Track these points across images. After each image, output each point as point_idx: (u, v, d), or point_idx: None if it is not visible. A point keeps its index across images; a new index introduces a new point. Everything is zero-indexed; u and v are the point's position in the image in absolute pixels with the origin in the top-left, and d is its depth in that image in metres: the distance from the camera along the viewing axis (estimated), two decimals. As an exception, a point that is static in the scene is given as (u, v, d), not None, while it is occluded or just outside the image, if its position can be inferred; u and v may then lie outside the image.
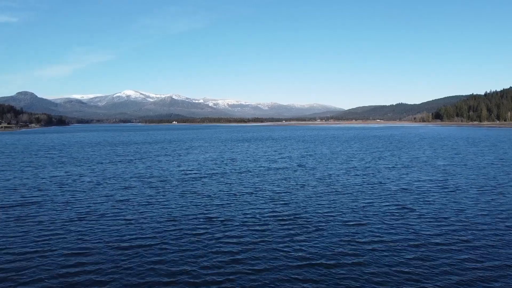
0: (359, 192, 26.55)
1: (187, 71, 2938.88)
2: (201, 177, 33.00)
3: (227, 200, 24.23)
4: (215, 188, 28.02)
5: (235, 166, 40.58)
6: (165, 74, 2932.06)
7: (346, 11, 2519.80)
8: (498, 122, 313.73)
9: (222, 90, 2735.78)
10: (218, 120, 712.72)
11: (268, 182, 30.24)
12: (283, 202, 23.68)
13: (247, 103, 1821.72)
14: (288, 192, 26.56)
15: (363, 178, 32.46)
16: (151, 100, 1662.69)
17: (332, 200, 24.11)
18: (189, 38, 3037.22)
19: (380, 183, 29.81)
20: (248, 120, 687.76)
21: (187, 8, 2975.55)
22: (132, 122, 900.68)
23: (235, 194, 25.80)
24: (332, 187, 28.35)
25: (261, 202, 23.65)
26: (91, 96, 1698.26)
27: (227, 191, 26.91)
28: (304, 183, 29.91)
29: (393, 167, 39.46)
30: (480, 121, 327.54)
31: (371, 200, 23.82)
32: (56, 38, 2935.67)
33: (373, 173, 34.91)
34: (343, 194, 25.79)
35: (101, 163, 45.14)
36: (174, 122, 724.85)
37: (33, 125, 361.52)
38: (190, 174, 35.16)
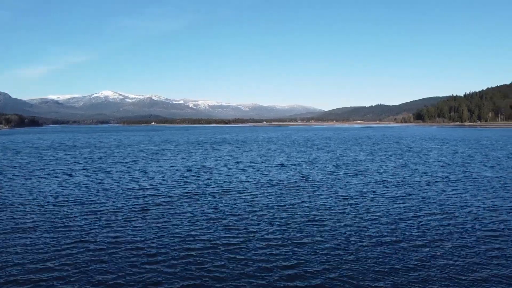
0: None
1: (167, 72, 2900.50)
2: (155, 204, 21.64)
3: (188, 266, 12.85)
4: (171, 229, 16.86)
5: (211, 181, 29.47)
6: (145, 75, 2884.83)
7: (326, 14, 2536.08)
8: (479, 122, 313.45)
9: (203, 91, 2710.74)
10: (199, 121, 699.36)
11: (263, 216, 19.19)
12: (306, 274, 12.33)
13: (227, 104, 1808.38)
14: (310, 246, 15.42)
15: (416, 203, 21.76)
16: (130, 100, 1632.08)
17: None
18: (169, 39, 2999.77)
19: (448, 213, 19.17)
20: (229, 121, 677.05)
21: (167, 9, 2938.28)
22: (110, 123, 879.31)
23: (205, 251, 14.60)
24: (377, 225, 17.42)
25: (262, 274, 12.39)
26: (68, 96, 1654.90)
27: (190, 240, 15.69)
28: (323, 215, 18.93)
29: (437, 181, 29.04)
30: (462, 121, 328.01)
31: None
32: (32, 38, 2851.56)
33: (418, 192, 24.34)
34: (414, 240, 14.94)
35: (23, 176, 33.31)
36: (153, 123, 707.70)
37: (1, 126, 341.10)
38: (141, 197, 23.75)
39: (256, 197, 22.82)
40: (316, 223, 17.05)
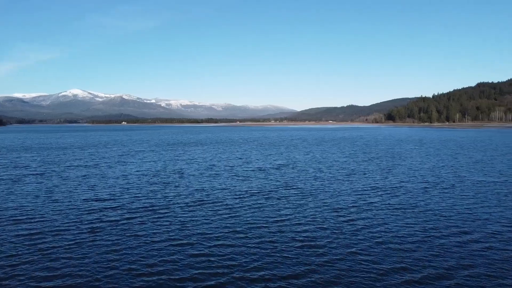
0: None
1: (138, 71, 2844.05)
2: (110, 221, 17.86)
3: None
4: (124, 260, 13.19)
5: (180, 189, 25.79)
6: (116, 73, 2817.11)
7: (299, 14, 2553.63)
8: (447, 123, 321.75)
9: (175, 90, 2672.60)
10: (171, 120, 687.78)
11: (243, 238, 15.78)
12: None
13: (200, 104, 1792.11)
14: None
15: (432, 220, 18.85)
16: (100, 99, 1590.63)
17: None
18: (142, 38, 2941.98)
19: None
20: (202, 121, 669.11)
21: (139, 7, 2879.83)
22: (79, 122, 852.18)
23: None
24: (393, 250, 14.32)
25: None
26: (34, 95, 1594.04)
27: (146, 275, 12.12)
28: (315, 235, 15.66)
29: (432, 187, 26.42)
30: (431, 122, 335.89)
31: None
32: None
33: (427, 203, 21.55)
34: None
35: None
36: (124, 122, 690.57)
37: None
38: (94, 212, 19.84)
39: (234, 210, 19.39)
40: (309, 248, 13.80)
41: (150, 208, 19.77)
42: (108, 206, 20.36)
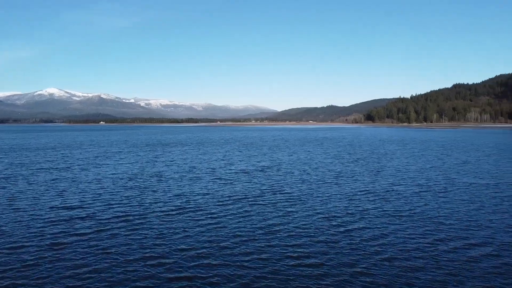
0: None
1: (117, 70, 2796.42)
2: (78, 234, 15.81)
3: None
4: (91, 283, 11.27)
5: (158, 195, 23.81)
6: (94, 72, 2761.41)
7: (279, 14, 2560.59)
8: (425, 123, 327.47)
9: (155, 90, 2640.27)
10: (150, 120, 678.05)
11: (227, 254, 14.02)
12: None
13: (180, 104, 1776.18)
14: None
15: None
16: (77, 99, 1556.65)
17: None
18: (121, 36, 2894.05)
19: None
20: (182, 121, 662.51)
21: (118, 4, 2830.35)
22: (56, 122, 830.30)
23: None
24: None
25: None
26: (8, 94, 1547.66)
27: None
28: (309, 249, 14.01)
29: (425, 190, 25.20)
30: (409, 122, 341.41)
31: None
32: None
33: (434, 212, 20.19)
34: None
35: None
36: (102, 122, 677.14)
37: None
38: (61, 222, 17.67)
39: (217, 219, 17.60)
40: (306, 267, 12.15)
41: (124, 218, 17.76)
42: (77, 216, 18.26)
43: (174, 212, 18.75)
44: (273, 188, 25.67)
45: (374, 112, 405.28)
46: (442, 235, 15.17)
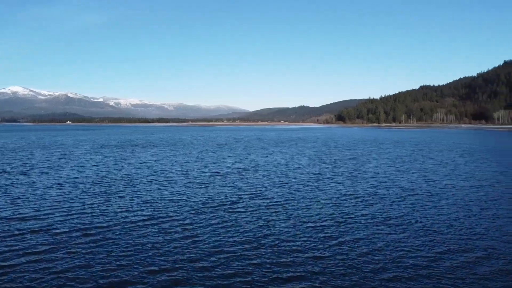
0: None
1: (85, 68, 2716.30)
2: (27, 253, 13.57)
3: None
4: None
5: (125, 202, 21.65)
6: (60, 70, 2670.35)
7: (251, 15, 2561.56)
8: (394, 124, 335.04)
9: (125, 89, 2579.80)
10: (120, 120, 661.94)
11: (203, 275, 12.22)
12: None
13: (151, 103, 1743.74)
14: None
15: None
16: (43, 97, 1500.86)
17: None
18: (90, 33, 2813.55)
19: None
20: (153, 121, 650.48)
21: (90, 0, 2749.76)
22: (19, 121, 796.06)
23: None
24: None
25: None
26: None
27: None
28: (296, 265, 12.41)
29: (410, 194, 24.14)
30: (379, 122, 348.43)
31: None
32: None
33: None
34: None
35: None
36: (69, 122, 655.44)
37: None
38: (9, 236, 15.39)
39: (191, 230, 15.75)
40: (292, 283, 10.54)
41: (84, 232, 15.60)
42: (29, 229, 15.93)
43: (143, 223, 16.73)
44: (251, 192, 23.99)
45: (345, 112, 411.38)
46: (435, 243, 13.96)
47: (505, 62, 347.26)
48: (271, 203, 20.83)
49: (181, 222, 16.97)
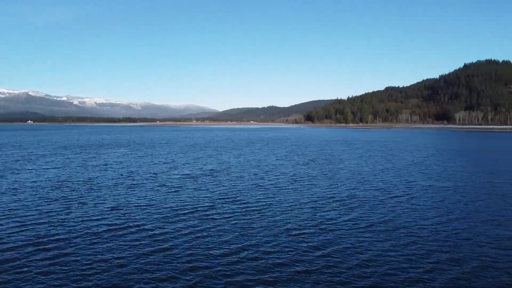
0: None
1: (48, 65, 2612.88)
2: None
3: None
4: None
5: (87, 208, 19.77)
6: (20, 67, 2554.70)
7: (221, 15, 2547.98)
8: (361, 124, 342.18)
9: (90, 87, 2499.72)
10: (84, 119, 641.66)
11: None
12: None
13: (117, 103, 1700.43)
14: None
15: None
16: (2, 96, 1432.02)
17: None
18: (52, 29, 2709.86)
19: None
20: (119, 120, 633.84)
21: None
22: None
23: None
24: None
25: None
26: None
27: None
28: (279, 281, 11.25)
29: (389, 196, 23.50)
30: (347, 123, 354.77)
31: None
32: None
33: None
34: None
35: None
36: (30, 121, 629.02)
37: None
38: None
39: (162, 242, 14.26)
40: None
41: (39, 245, 13.77)
42: (-26, 243, 13.92)
43: (107, 235, 15.05)
44: (225, 197, 22.64)
45: (313, 112, 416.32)
46: (429, 255, 13.14)
47: (465, 65, 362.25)
48: (247, 209, 19.58)
49: (150, 232, 15.42)
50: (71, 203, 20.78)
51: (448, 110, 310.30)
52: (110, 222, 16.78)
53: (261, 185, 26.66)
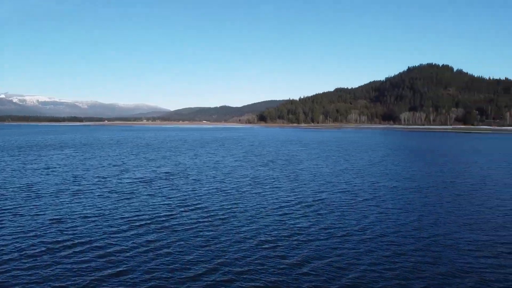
0: None
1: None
2: None
3: None
4: None
5: (26, 218, 17.02)
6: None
7: (174, 14, 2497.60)
8: (313, 124, 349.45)
9: (31, 84, 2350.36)
10: (25, 119, 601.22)
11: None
12: None
13: (62, 101, 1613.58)
14: None
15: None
16: None
17: None
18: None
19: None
20: (64, 119, 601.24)
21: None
22: None
23: None
24: None
25: None
26: None
27: None
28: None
29: (363, 199, 22.59)
30: (299, 123, 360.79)
31: None
32: None
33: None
34: None
35: None
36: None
37: None
38: None
39: (113, 261, 12.17)
40: None
41: (-42, 273, 11.17)
42: None
43: (47, 254, 12.65)
44: (184, 203, 20.66)
45: (266, 112, 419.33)
46: (412, 268, 12.16)
47: (409, 68, 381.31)
48: (210, 217, 17.79)
49: (99, 248, 13.22)
50: (3, 215, 17.86)
51: (394, 110, 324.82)
52: (51, 239, 14.32)
53: (222, 189, 24.89)
